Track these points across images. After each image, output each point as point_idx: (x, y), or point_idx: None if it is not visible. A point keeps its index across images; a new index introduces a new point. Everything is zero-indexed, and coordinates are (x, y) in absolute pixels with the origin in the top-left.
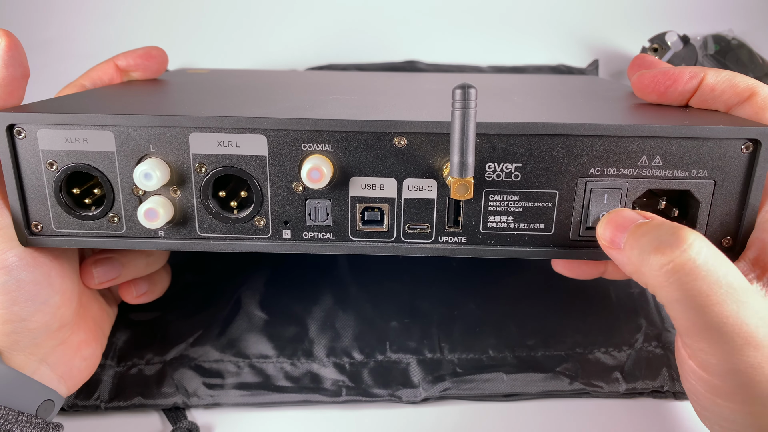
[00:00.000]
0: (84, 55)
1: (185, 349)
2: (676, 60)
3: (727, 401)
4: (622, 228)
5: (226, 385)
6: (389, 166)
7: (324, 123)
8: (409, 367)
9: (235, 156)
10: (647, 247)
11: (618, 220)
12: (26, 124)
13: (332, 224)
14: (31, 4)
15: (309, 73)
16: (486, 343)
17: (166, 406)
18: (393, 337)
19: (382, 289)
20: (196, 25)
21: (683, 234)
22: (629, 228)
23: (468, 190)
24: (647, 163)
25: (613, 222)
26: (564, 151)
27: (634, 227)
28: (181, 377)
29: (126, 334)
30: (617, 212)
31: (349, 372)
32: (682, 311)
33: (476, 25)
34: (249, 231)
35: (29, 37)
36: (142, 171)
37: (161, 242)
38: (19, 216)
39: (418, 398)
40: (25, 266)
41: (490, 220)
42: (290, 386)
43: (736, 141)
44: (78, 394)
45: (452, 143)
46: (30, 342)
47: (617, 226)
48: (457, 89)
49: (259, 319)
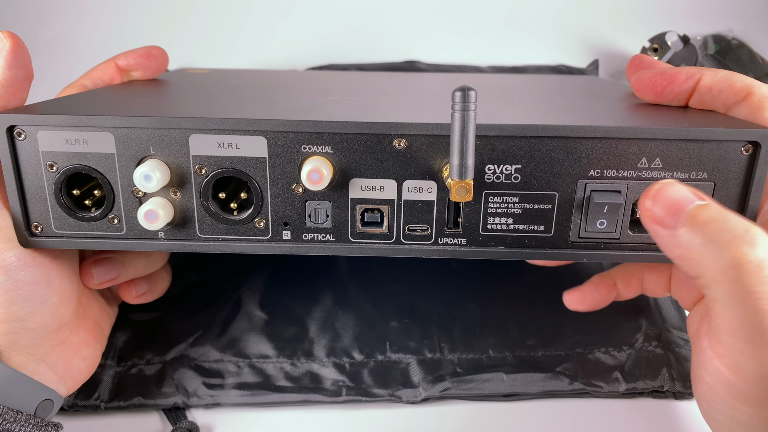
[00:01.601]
0: (85, 56)
1: (185, 349)
2: (676, 60)
3: (747, 406)
4: (677, 207)
5: (226, 385)
6: (389, 168)
7: (324, 125)
8: (409, 367)
9: (235, 158)
10: (716, 238)
11: (673, 196)
12: (26, 126)
13: (332, 226)
14: (33, 4)
15: (309, 73)
16: (486, 343)
17: (166, 406)
18: (393, 337)
19: (382, 289)
20: (196, 25)
21: (755, 233)
22: (686, 208)
23: (468, 192)
24: (647, 165)
25: (667, 198)
26: (564, 153)
27: (696, 210)
28: (181, 377)
29: (126, 334)
30: (669, 185)
31: (349, 372)
32: (736, 311)
33: (476, 25)
34: (249, 232)
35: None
36: (142, 172)
37: (161, 243)
38: (19, 217)
39: (418, 398)
40: (23, 266)
41: (489, 222)
42: (290, 386)
43: (735, 143)
44: (78, 394)
45: (452, 145)
46: (29, 342)
47: (672, 203)
48: (456, 92)
49: (259, 319)
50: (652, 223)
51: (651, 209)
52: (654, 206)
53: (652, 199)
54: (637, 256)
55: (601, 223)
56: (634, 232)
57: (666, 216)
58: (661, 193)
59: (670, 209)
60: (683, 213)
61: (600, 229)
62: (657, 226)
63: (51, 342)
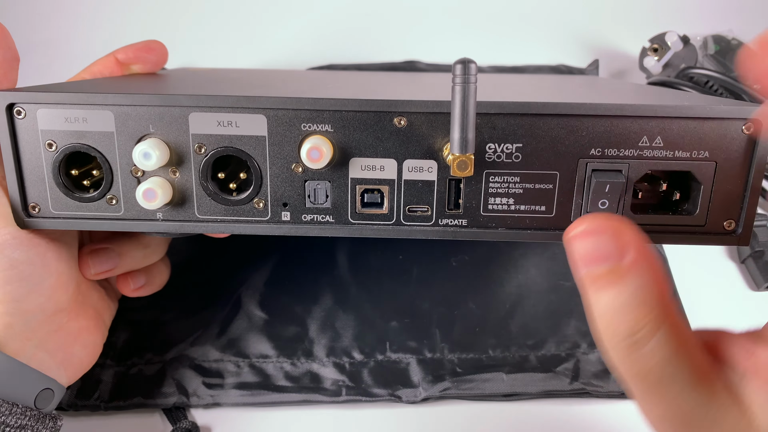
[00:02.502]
0: (84, 56)
1: (185, 349)
2: (676, 60)
3: None
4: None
5: (226, 385)
6: (389, 147)
7: (324, 102)
8: (409, 366)
9: (235, 136)
10: None
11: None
12: (26, 104)
13: (332, 206)
14: (32, 4)
15: (309, 72)
16: (486, 343)
17: (166, 405)
18: (393, 337)
19: (382, 288)
20: (196, 25)
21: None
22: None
23: (468, 166)
24: (648, 143)
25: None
26: (564, 132)
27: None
28: (181, 377)
29: (126, 333)
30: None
31: (349, 372)
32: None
33: (476, 25)
34: (248, 213)
35: (31, 38)
36: (142, 150)
37: (159, 224)
38: (16, 198)
39: (418, 398)
40: (19, 245)
41: (490, 203)
42: (290, 386)
43: (736, 121)
44: (78, 394)
45: (453, 119)
46: (24, 326)
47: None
48: (457, 64)
49: (259, 318)
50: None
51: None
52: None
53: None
54: None
55: (602, 204)
56: (637, 213)
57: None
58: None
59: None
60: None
61: (602, 209)
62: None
63: (48, 327)
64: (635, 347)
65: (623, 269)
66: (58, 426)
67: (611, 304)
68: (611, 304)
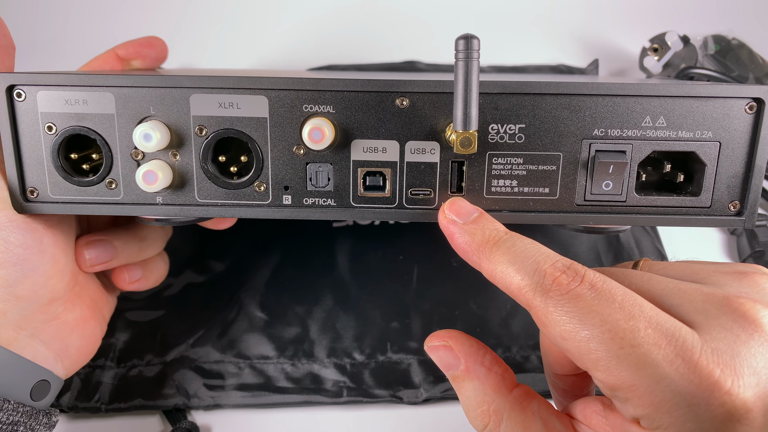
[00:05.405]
0: (84, 56)
1: (185, 350)
2: (676, 60)
3: None
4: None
5: (226, 386)
6: (391, 128)
7: (326, 82)
8: (410, 367)
9: (236, 118)
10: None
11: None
12: (26, 86)
13: (333, 189)
14: (32, 4)
15: (310, 73)
16: (487, 343)
17: (167, 407)
18: (394, 338)
19: (383, 289)
20: (196, 26)
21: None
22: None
23: (472, 143)
24: (651, 123)
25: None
26: (567, 112)
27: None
28: (181, 378)
29: (126, 334)
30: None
31: (350, 373)
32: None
33: (476, 25)
34: (249, 197)
35: (30, 38)
36: (142, 131)
37: (159, 208)
38: (15, 182)
39: (419, 399)
40: (15, 228)
41: (494, 184)
42: (291, 387)
43: (739, 100)
44: (78, 396)
45: (456, 95)
46: (18, 313)
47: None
48: (460, 39)
49: (259, 319)
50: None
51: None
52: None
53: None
54: (644, 219)
55: (606, 185)
56: (641, 195)
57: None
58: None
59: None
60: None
61: (606, 191)
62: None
63: (43, 315)
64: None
65: (459, 377)
66: (53, 422)
67: (464, 402)
68: (463, 402)
